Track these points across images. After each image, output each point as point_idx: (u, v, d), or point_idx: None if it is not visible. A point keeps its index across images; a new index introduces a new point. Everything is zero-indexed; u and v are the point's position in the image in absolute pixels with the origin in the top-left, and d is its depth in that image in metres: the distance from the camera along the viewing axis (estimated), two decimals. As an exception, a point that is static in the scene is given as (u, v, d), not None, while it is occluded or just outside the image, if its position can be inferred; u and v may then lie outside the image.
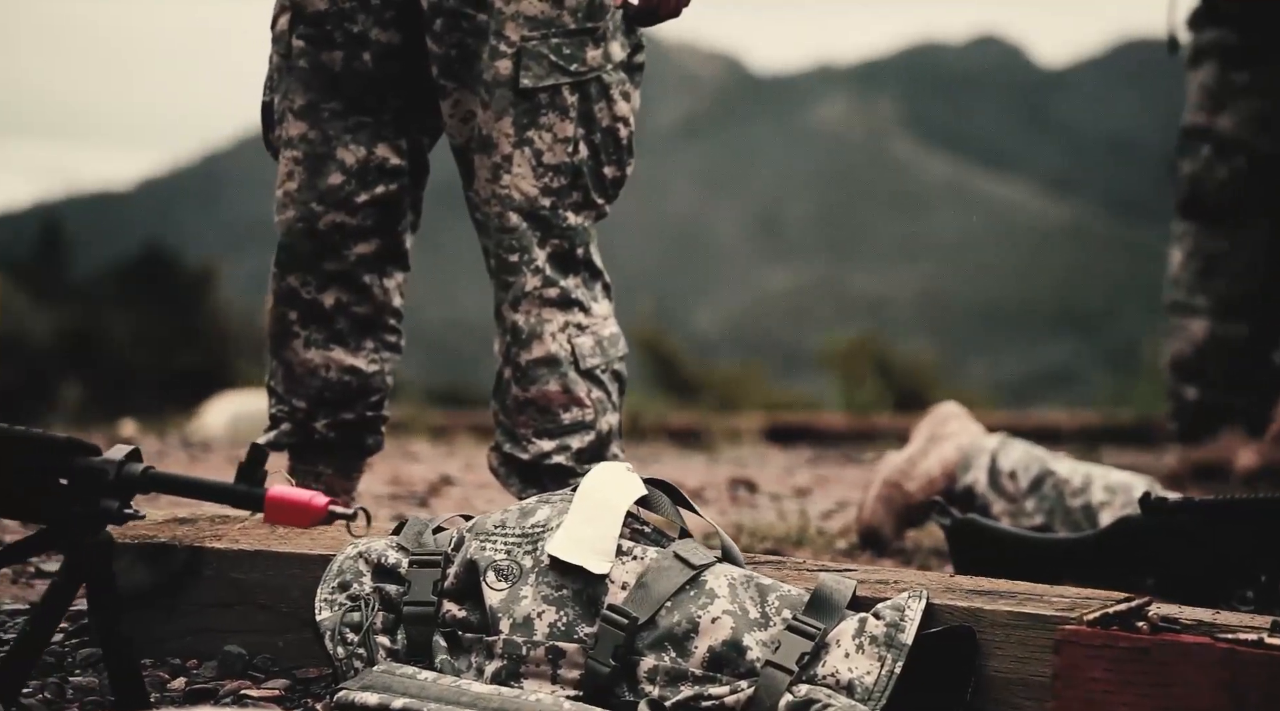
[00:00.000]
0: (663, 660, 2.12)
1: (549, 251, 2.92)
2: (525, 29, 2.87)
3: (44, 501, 2.02)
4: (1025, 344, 66.57)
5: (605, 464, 2.30)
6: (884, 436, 7.41)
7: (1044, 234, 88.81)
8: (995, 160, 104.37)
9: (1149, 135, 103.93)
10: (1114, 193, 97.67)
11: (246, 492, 1.99)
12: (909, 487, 3.62)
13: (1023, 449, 3.61)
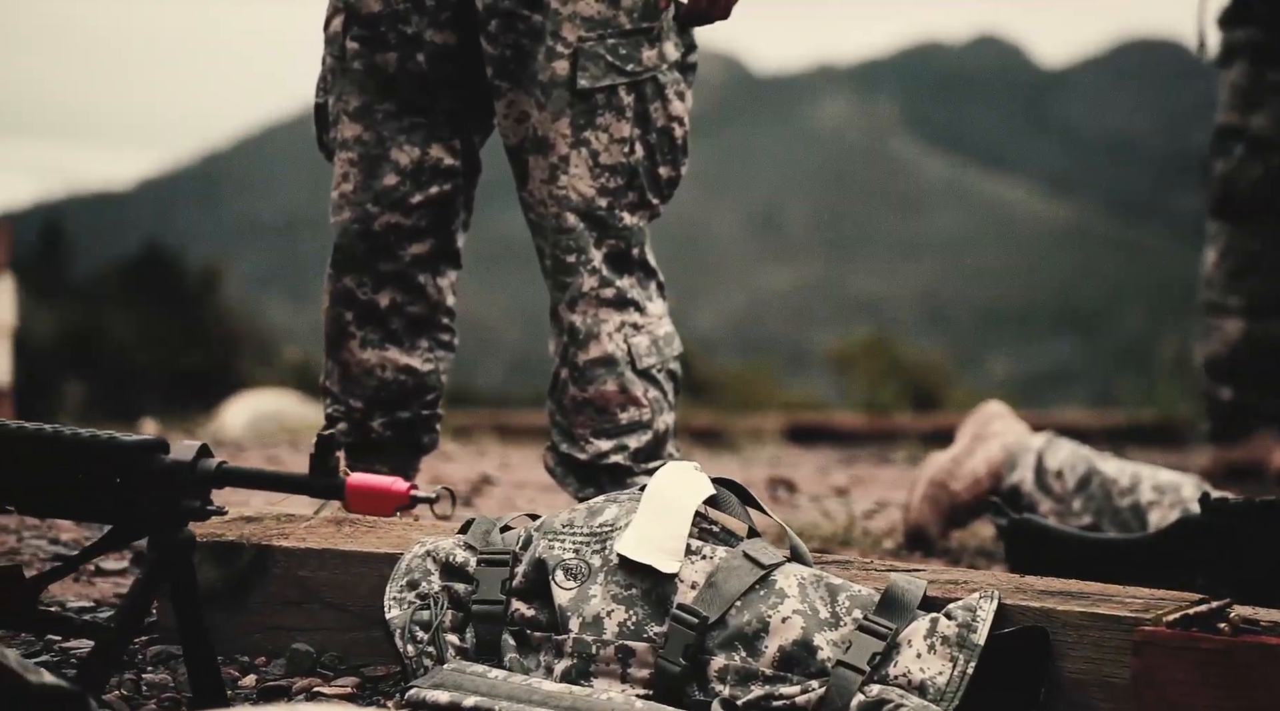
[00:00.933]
0: (733, 659, 2.13)
1: (605, 252, 2.93)
2: (582, 29, 2.88)
3: (120, 502, 2.02)
4: (1025, 344, 66.52)
5: (673, 463, 2.30)
6: (904, 436, 7.41)
7: (1044, 234, 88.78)
8: (995, 160, 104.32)
9: (1149, 135, 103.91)
10: (1114, 193, 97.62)
11: (326, 482, 1.99)
12: (955, 487, 3.61)
13: (1069, 448, 3.59)
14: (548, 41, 2.89)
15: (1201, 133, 5.69)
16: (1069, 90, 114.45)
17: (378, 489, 1.97)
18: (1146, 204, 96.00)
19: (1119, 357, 56.23)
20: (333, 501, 2.87)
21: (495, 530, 2.32)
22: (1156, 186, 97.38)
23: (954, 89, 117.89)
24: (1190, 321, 10.57)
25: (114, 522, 2.04)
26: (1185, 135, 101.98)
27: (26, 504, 2.06)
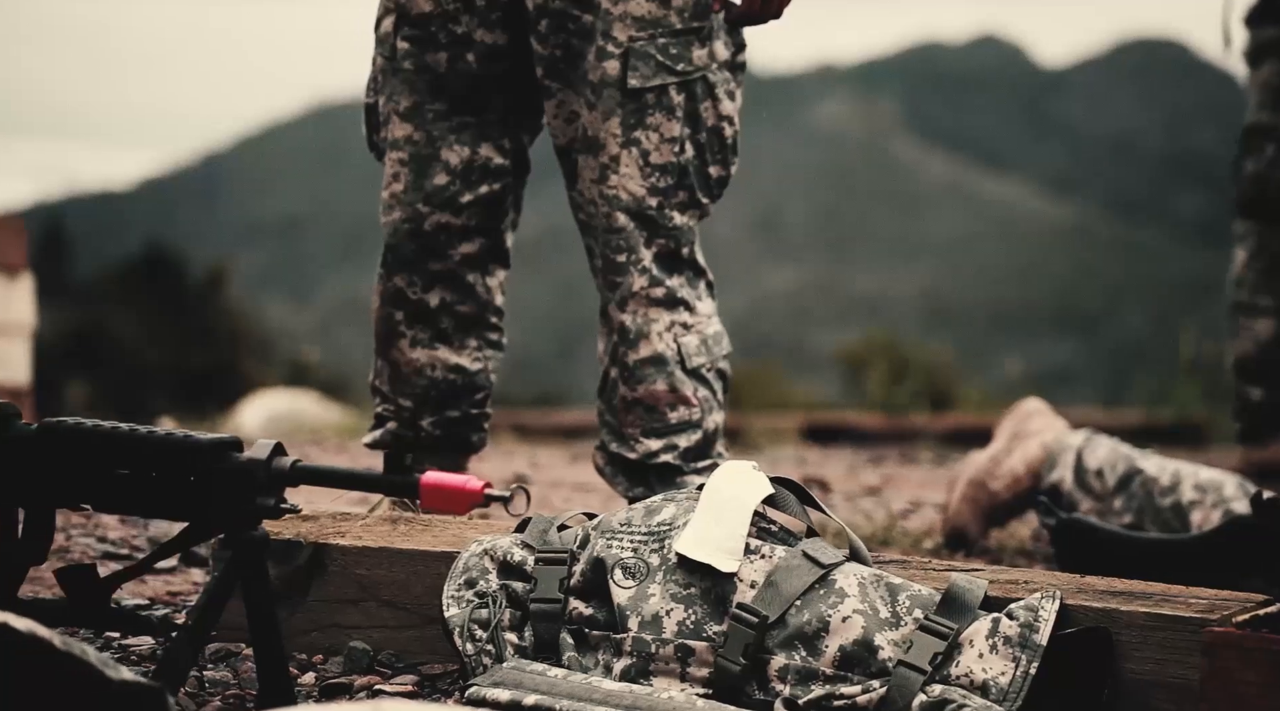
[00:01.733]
0: (793, 659, 2.13)
1: (655, 251, 2.93)
2: (633, 29, 2.88)
3: (195, 499, 2.03)
4: (1025, 344, 66.52)
5: (731, 462, 2.30)
6: (922, 436, 7.41)
7: (1044, 234, 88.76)
8: (995, 160, 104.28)
9: (1149, 135, 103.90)
10: (1114, 193, 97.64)
11: (401, 480, 1.98)
12: (994, 487, 3.60)
13: (1109, 446, 3.57)
14: (598, 41, 2.89)
15: (1202, 133, 5.69)
16: (1069, 90, 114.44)
17: (452, 487, 1.97)
18: (1146, 204, 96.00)
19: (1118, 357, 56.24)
20: (387, 500, 2.90)
21: (552, 529, 2.32)
22: (1156, 186, 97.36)
23: (954, 89, 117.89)
24: (1190, 320, 10.49)
25: (189, 520, 2.05)
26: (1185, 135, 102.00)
27: (103, 502, 2.07)
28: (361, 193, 53.43)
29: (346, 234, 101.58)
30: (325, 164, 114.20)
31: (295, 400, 8.58)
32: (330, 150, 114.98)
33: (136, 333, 25.44)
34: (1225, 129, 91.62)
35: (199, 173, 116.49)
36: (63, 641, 1.63)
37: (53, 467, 2.08)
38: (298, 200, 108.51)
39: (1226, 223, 5.43)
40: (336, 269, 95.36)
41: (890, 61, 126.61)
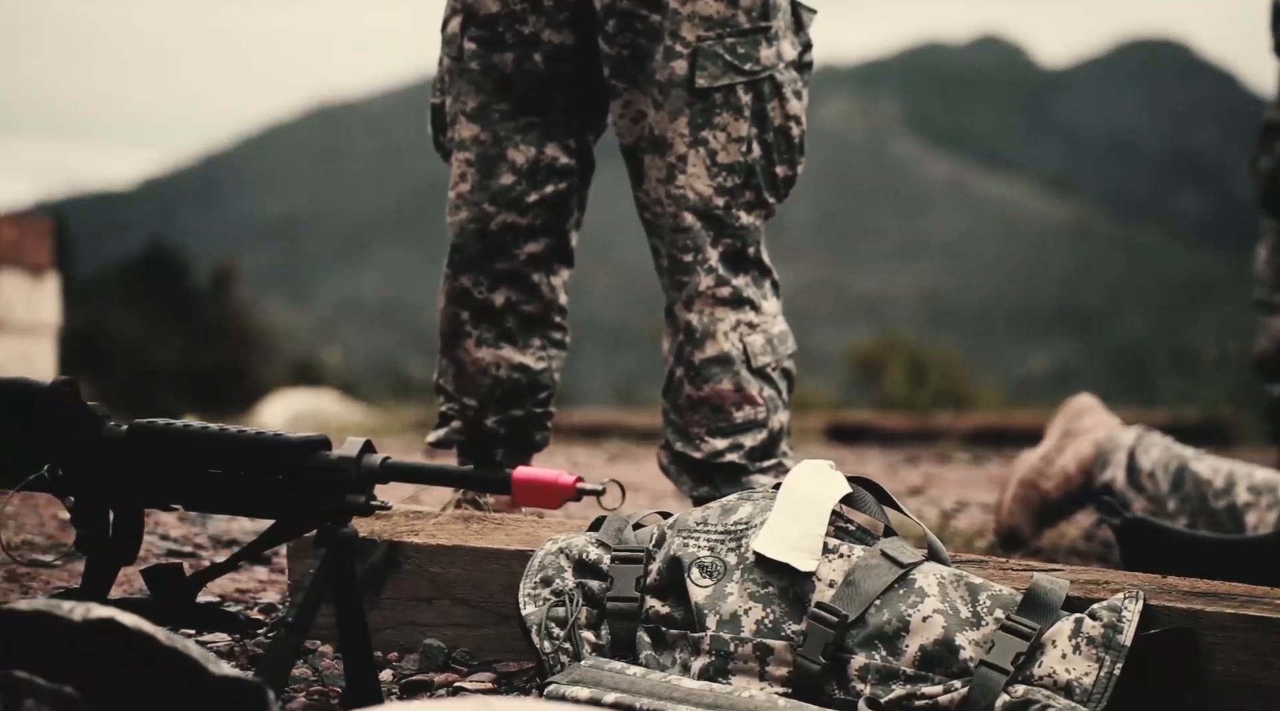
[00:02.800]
0: (873, 658, 2.13)
1: (721, 251, 2.93)
2: (701, 29, 2.88)
3: (285, 498, 2.03)
4: (1025, 343, 66.58)
5: (808, 461, 2.30)
6: (946, 436, 7.40)
7: (1044, 234, 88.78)
8: (995, 160, 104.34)
9: (1149, 135, 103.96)
10: (1114, 193, 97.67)
11: (492, 475, 1.98)
12: (1045, 487, 3.59)
13: (1162, 445, 3.55)
14: (666, 41, 2.89)
15: (1202, 133, 5.72)
16: (1069, 90, 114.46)
17: (545, 481, 1.96)
18: (1146, 204, 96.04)
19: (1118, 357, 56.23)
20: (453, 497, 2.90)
21: (628, 527, 2.32)
22: (1156, 186, 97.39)
23: (955, 89, 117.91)
24: (1190, 320, 10.45)
25: (279, 518, 2.05)
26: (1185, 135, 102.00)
27: (192, 501, 2.08)
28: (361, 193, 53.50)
29: (346, 234, 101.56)
30: (325, 164, 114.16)
31: (317, 399, 8.58)
32: (330, 150, 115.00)
33: (141, 332, 25.42)
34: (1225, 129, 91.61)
35: (199, 173, 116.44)
36: (167, 636, 1.64)
37: (143, 468, 2.09)
38: (298, 200, 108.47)
39: (1226, 222, 5.45)
40: (336, 269, 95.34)
41: (891, 62, 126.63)
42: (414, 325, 78.06)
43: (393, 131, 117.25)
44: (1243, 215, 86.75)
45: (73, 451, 2.11)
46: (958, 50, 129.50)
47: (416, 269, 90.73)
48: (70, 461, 2.10)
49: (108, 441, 2.10)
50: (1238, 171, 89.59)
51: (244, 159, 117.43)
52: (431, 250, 19.12)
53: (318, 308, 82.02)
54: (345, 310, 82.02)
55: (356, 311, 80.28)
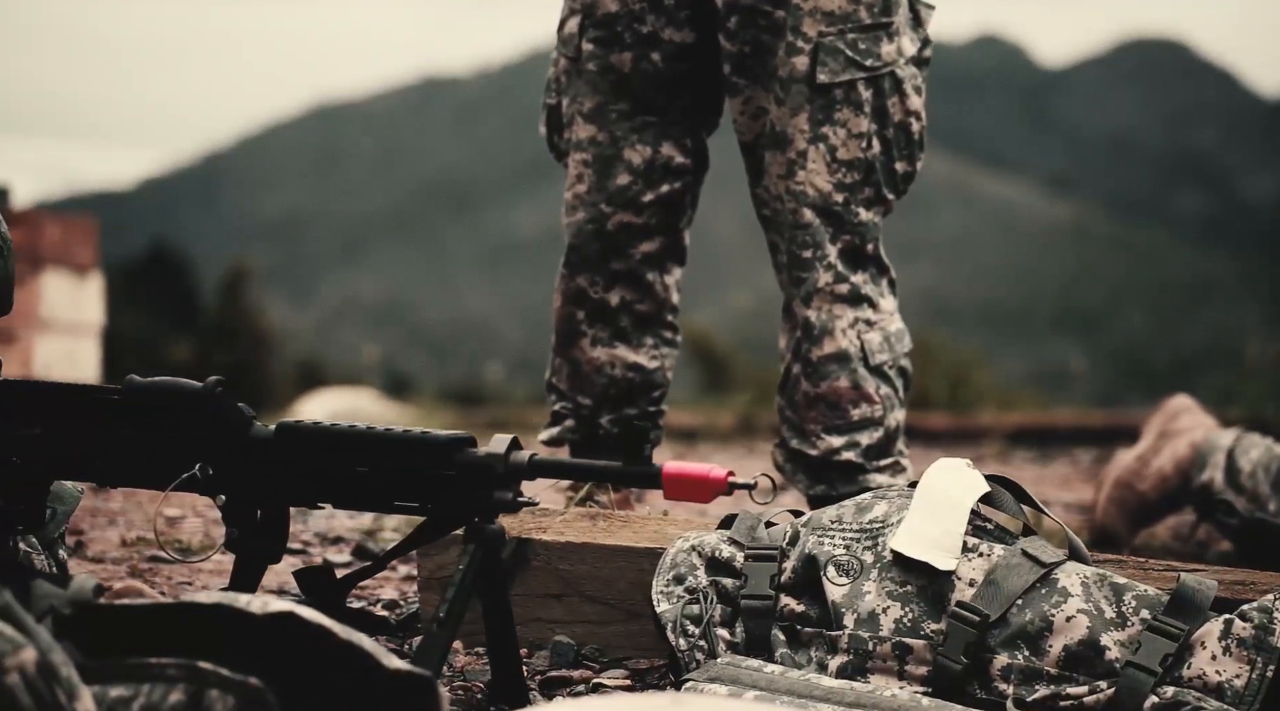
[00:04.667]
0: (1016, 658, 2.11)
1: (840, 247, 2.92)
2: (823, 24, 2.87)
3: (433, 495, 2.03)
4: (1025, 343, 66.59)
5: (945, 460, 2.29)
6: (989, 435, 7.38)
7: (1044, 234, 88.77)
8: (995, 160, 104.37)
9: (1149, 135, 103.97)
10: (1114, 193, 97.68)
11: (642, 471, 1.97)
12: (1141, 488, 3.56)
13: (1263, 447, 3.51)
14: (788, 37, 2.88)
15: (1202, 133, 5.73)
16: (1069, 90, 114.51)
17: (697, 476, 1.95)
18: (1146, 204, 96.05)
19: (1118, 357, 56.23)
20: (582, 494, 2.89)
21: (760, 525, 2.31)
22: (1156, 186, 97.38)
23: (955, 89, 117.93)
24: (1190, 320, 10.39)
25: (426, 515, 2.05)
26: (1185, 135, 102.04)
27: (341, 500, 2.08)
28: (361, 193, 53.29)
29: (346, 234, 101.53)
30: (325, 164, 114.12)
31: (356, 398, 8.57)
32: (330, 150, 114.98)
33: (150, 332, 25.36)
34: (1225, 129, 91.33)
35: (199, 173, 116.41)
36: (344, 630, 1.63)
37: (290, 468, 2.09)
38: (298, 200, 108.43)
39: (1226, 222, 5.46)
40: (336, 269, 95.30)
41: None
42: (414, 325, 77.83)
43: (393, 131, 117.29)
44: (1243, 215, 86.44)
45: (222, 451, 2.11)
46: (957, 50, 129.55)
47: (416, 269, 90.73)
48: (220, 461, 2.11)
49: (256, 441, 2.11)
50: (1238, 171, 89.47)
51: (244, 159, 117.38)
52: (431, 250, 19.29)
53: (318, 307, 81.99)
54: (345, 310, 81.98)
55: (356, 311, 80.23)
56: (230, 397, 2.12)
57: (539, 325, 42.67)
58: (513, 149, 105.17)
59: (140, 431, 2.14)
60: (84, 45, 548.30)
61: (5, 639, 1.44)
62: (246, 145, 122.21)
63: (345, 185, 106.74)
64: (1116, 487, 3.56)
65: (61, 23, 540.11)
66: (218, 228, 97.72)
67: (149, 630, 1.67)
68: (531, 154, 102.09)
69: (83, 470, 2.17)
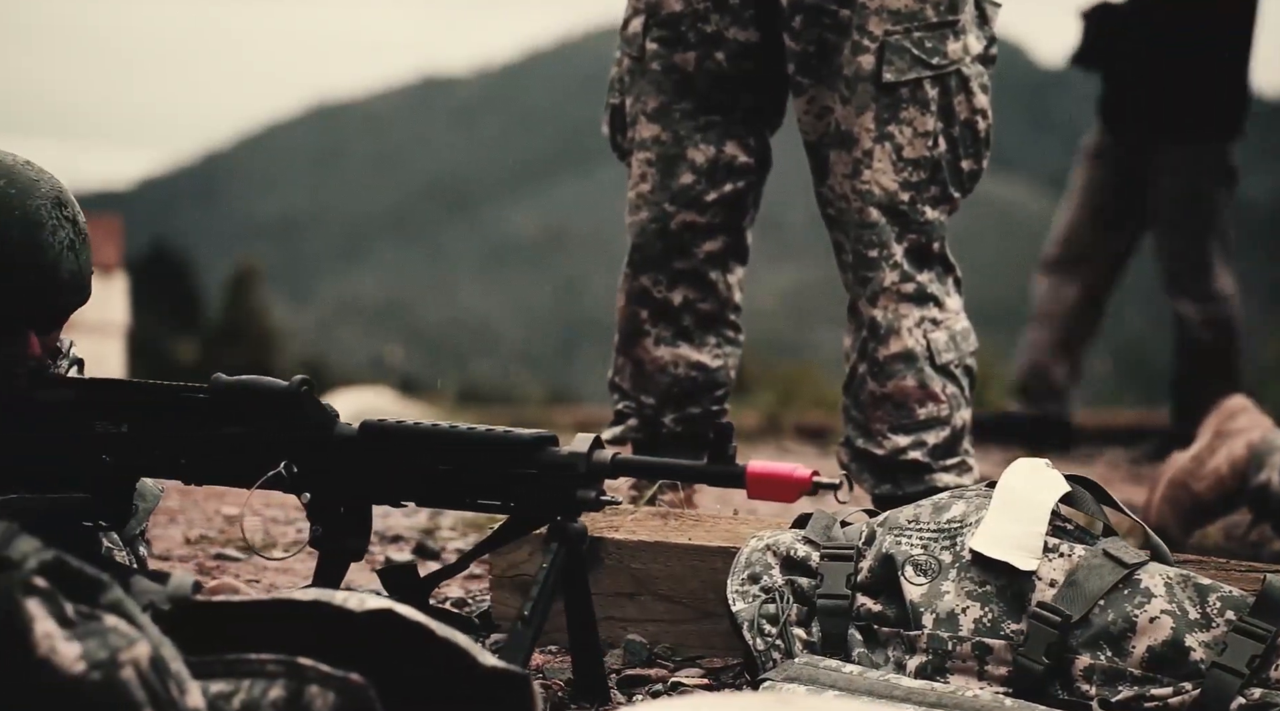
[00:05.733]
0: (1098, 659, 2.10)
1: (906, 246, 2.92)
2: (889, 23, 2.86)
3: (516, 494, 2.04)
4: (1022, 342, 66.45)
5: (1024, 460, 2.28)
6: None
7: (1044, 233, 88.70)
8: (995, 159, 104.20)
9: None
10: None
11: (726, 470, 1.97)
12: (1196, 488, 3.54)
13: None
14: (854, 36, 2.87)
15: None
16: (1069, 89, 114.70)
17: (781, 476, 1.95)
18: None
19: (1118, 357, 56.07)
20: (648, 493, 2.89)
21: (836, 525, 2.30)
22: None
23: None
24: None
25: (509, 514, 2.06)
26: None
27: (424, 497, 2.09)
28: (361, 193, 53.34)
29: (346, 234, 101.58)
30: (325, 164, 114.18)
31: (376, 398, 8.56)
32: (330, 150, 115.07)
33: (154, 332, 25.37)
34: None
35: (199, 173, 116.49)
36: (441, 628, 1.64)
37: (374, 466, 2.09)
38: (298, 200, 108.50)
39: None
40: (336, 269, 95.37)
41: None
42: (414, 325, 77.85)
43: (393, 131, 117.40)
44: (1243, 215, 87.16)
45: (307, 449, 2.11)
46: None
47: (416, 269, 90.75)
48: (304, 459, 2.11)
49: (340, 439, 2.11)
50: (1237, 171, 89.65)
51: (244, 159, 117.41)
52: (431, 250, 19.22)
53: (317, 307, 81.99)
54: (345, 310, 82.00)
55: (356, 311, 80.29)
56: (314, 396, 2.12)
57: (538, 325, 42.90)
58: (513, 149, 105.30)
59: (226, 430, 2.14)
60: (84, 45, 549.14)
61: (119, 634, 1.45)
62: (246, 145, 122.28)
63: (345, 185, 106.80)
64: (1171, 487, 3.54)
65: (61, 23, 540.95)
66: (218, 228, 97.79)
67: (243, 626, 1.67)
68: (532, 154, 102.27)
69: (169, 468, 2.18)
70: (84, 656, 1.42)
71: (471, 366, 43.37)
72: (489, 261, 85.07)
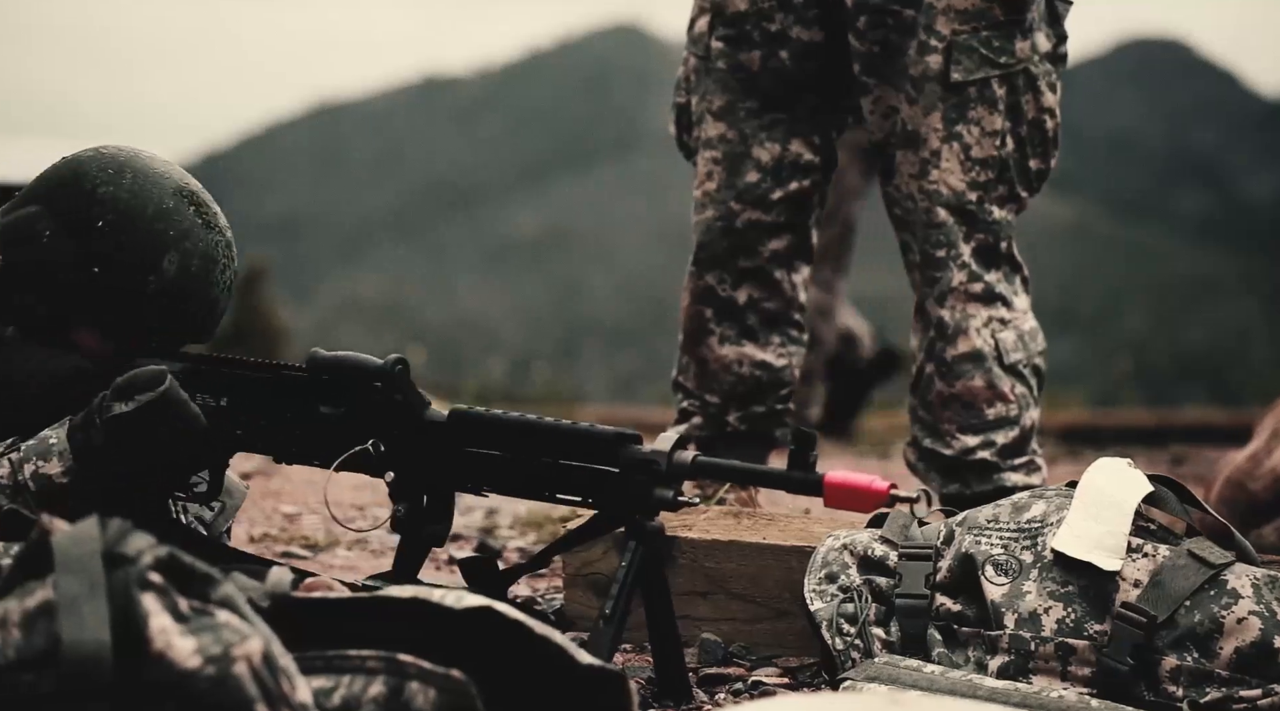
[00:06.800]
0: (1185, 660, 2.09)
1: (974, 246, 2.91)
2: (956, 23, 2.86)
3: (596, 488, 2.04)
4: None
5: (1106, 459, 2.27)
6: (1040, 434, 7.34)
7: (1044, 233, 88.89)
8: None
9: (1149, 135, 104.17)
10: (1114, 193, 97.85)
11: (804, 478, 1.98)
12: (1253, 487, 3.52)
13: None
14: (920, 35, 2.87)
15: (1202, 133, 5.70)
16: (1069, 90, 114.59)
17: (859, 487, 1.96)
18: (1146, 204, 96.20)
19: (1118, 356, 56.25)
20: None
21: (914, 524, 2.29)
22: (1156, 186, 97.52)
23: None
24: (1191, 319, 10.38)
25: (588, 508, 2.06)
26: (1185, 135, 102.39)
27: (506, 487, 2.10)
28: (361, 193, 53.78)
29: (346, 234, 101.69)
30: (325, 164, 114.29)
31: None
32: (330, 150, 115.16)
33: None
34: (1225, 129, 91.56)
35: (199, 172, 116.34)
36: (539, 626, 1.64)
37: (461, 453, 2.10)
38: (298, 200, 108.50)
39: (1226, 222, 5.45)
40: (336, 269, 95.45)
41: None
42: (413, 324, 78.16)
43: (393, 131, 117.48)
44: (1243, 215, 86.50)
45: (397, 430, 2.13)
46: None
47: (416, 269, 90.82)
48: (393, 440, 2.12)
49: (430, 424, 2.12)
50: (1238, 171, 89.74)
51: (244, 159, 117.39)
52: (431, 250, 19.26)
53: (318, 307, 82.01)
54: (345, 310, 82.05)
55: (356, 311, 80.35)
56: (408, 376, 2.13)
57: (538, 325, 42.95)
58: (513, 149, 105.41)
59: (320, 406, 2.17)
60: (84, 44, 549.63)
61: (232, 629, 1.45)
62: (246, 145, 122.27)
63: (345, 185, 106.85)
64: (1227, 487, 3.53)
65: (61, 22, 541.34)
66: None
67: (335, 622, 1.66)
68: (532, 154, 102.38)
69: (263, 443, 2.20)
70: (199, 651, 1.42)
71: (475, 366, 43.32)
72: (489, 261, 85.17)
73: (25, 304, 2.27)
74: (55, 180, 2.31)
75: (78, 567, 1.43)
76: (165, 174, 2.33)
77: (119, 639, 1.40)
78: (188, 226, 2.28)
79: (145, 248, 2.25)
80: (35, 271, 2.25)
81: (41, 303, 2.27)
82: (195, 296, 2.27)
